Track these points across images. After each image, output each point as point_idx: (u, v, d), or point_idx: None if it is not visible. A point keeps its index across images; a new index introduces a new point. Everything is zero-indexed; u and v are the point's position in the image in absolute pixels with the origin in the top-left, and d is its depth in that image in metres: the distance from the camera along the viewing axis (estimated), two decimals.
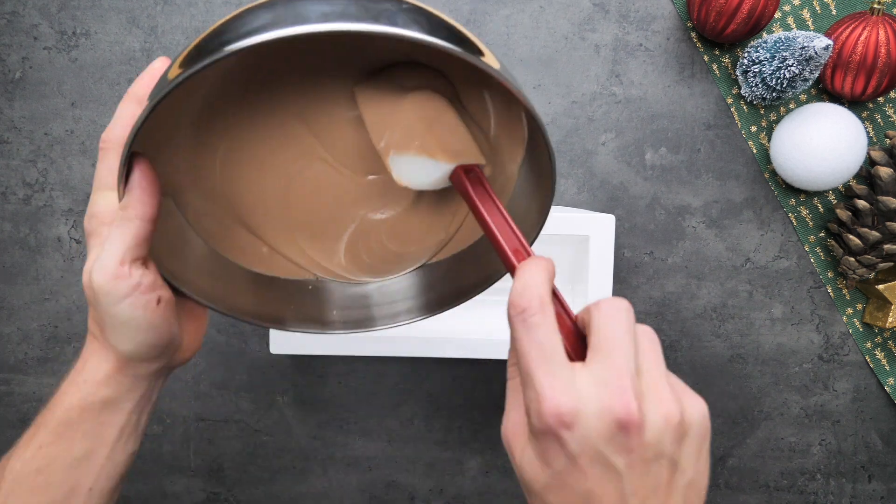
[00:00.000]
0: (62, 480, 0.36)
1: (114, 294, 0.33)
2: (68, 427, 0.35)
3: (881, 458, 0.66)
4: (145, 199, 0.32)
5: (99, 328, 0.35)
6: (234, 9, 0.63)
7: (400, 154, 0.34)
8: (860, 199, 0.60)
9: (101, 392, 0.35)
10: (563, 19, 0.63)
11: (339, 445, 0.67)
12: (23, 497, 0.35)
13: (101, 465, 0.36)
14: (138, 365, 0.36)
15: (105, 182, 0.34)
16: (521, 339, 0.28)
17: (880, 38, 0.56)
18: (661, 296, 0.65)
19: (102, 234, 0.34)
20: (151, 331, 0.35)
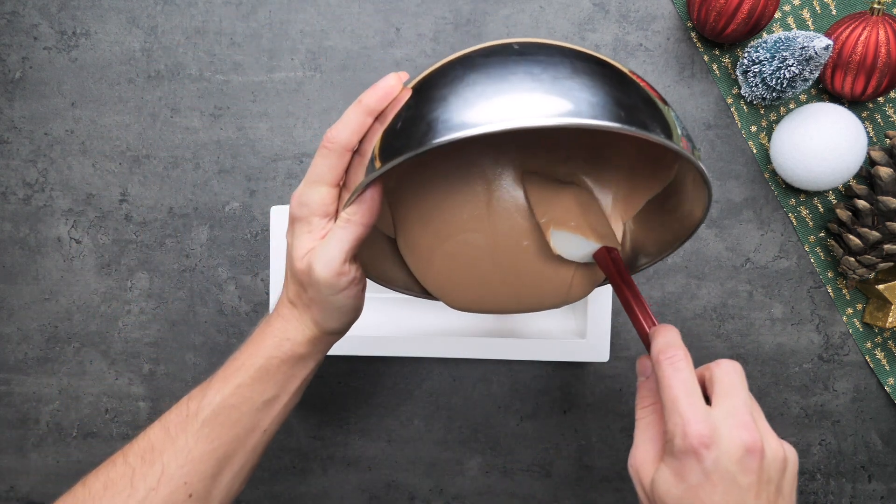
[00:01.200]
0: (249, 419, 0.41)
1: (336, 286, 0.39)
2: (266, 373, 0.41)
3: (881, 458, 0.67)
4: (373, 210, 0.38)
5: (304, 305, 0.41)
6: (233, 8, 0.63)
7: (559, 229, 0.42)
8: (860, 199, 0.60)
9: (300, 350, 0.41)
10: (563, 19, 0.63)
11: (339, 445, 0.67)
12: (216, 428, 0.40)
13: (279, 411, 0.42)
14: (333, 335, 0.43)
15: (322, 177, 0.38)
16: (669, 376, 0.35)
17: (880, 38, 0.56)
18: (661, 296, 0.65)
19: (313, 223, 0.38)
20: (355, 312, 0.42)
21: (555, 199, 0.43)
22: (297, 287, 0.40)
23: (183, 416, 0.41)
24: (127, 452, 0.41)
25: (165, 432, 0.41)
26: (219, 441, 0.40)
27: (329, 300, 0.39)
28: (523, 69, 0.33)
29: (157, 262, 0.65)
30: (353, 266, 0.39)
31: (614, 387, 0.66)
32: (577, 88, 0.32)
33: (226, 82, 0.64)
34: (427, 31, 0.63)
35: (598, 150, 0.45)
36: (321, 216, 0.38)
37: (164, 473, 0.39)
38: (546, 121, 0.31)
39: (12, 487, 0.67)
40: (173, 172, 0.64)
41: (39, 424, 0.66)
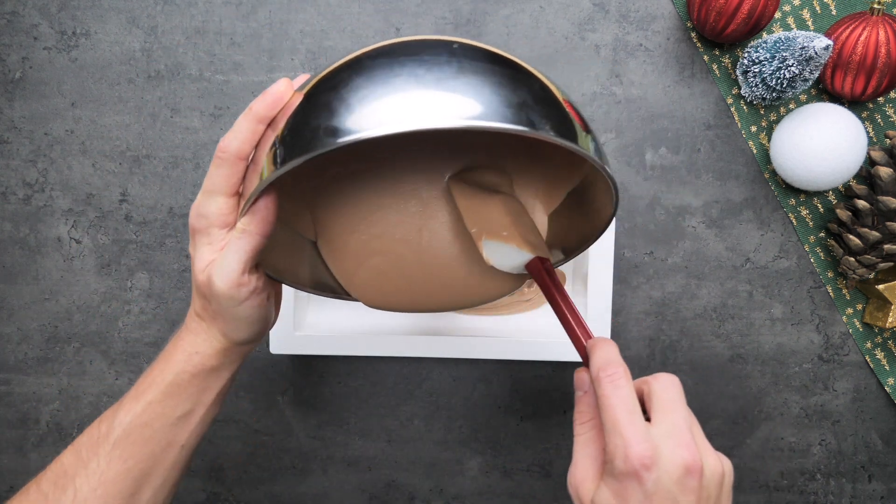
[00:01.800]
0: (163, 435, 0.40)
1: (236, 298, 0.38)
2: (177, 388, 0.41)
3: (881, 458, 0.66)
4: (268, 219, 0.37)
5: (210, 317, 0.40)
6: (233, 8, 0.63)
7: (491, 240, 0.42)
8: (860, 199, 0.60)
9: (210, 362, 0.41)
10: (563, 19, 0.63)
11: (339, 445, 0.67)
12: (128, 447, 0.40)
13: (196, 425, 0.42)
14: (244, 346, 0.42)
15: (217, 187, 0.37)
16: (609, 395, 0.34)
17: (880, 38, 0.56)
18: (661, 296, 0.65)
19: (213, 234, 0.38)
20: (262, 322, 0.41)
21: (484, 207, 0.43)
22: (202, 300, 0.40)
23: (94, 438, 0.40)
24: (40, 480, 0.40)
25: (77, 456, 0.40)
26: (133, 460, 0.40)
27: (231, 311, 0.39)
28: (408, 71, 0.32)
29: (157, 262, 0.65)
30: (254, 276, 0.39)
31: None
32: (460, 89, 0.32)
33: (226, 82, 0.64)
34: (427, 32, 0.63)
35: (514, 147, 0.45)
36: (220, 227, 0.38)
37: (77, 498, 0.39)
38: (428, 124, 0.30)
39: (12, 487, 0.67)
40: (173, 172, 0.64)
41: (39, 424, 0.66)
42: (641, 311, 0.65)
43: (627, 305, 0.65)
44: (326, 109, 0.33)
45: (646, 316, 0.65)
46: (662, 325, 0.65)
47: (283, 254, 0.44)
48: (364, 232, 0.45)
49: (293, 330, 0.58)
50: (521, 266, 0.42)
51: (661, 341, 0.65)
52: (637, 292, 0.65)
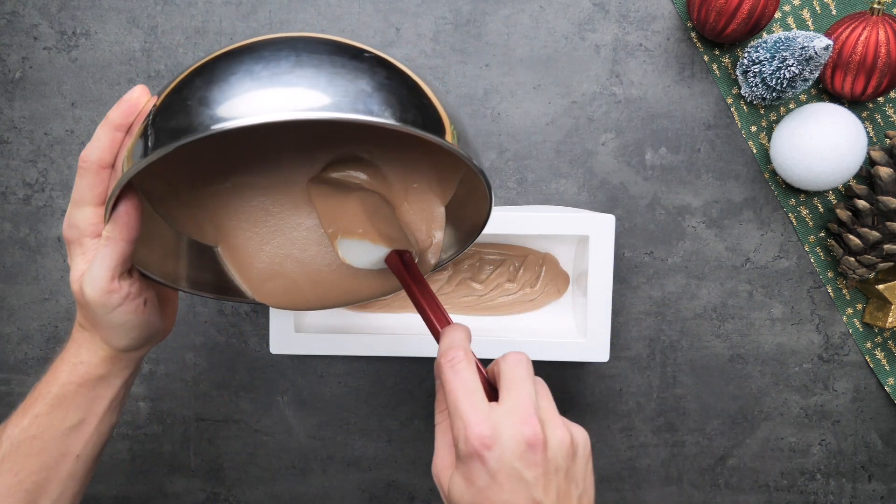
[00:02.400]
0: (55, 447, 0.40)
1: (107, 305, 0.38)
2: (64, 399, 0.40)
3: (881, 458, 0.66)
4: (130, 224, 0.37)
5: (91, 325, 0.40)
6: (233, 9, 0.63)
7: (346, 238, 0.42)
8: (860, 199, 0.60)
9: (96, 371, 0.41)
10: (563, 19, 0.63)
11: (339, 445, 0.66)
12: (19, 460, 0.40)
13: (90, 435, 0.41)
14: (130, 353, 0.42)
15: (84, 197, 0.37)
16: (450, 380, 0.35)
17: (880, 38, 0.56)
18: (661, 296, 0.65)
19: (85, 244, 0.38)
20: (142, 327, 0.40)
21: (340, 207, 0.43)
22: (81, 310, 0.40)
23: None
24: None
25: None
26: (24, 472, 0.39)
27: (106, 319, 0.39)
28: (245, 68, 0.33)
29: None
30: (126, 282, 0.38)
31: (614, 387, 0.66)
32: (294, 83, 0.32)
33: None
34: (427, 31, 0.63)
35: (394, 140, 0.46)
36: (90, 236, 0.38)
37: None
38: (249, 120, 0.30)
39: None
40: None
41: None
42: (641, 311, 0.65)
43: (627, 305, 0.65)
44: (168, 112, 0.33)
45: (646, 316, 0.65)
46: (662, 325, 0.65)
47: (171, 259, 0.44)
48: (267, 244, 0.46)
49: (293, 330, 0.58)
50: (380, 261, 0.42)
51: (661, 341, 0.65)
52: (637, 292, 0.65)
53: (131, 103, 0.37)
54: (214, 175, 0.45)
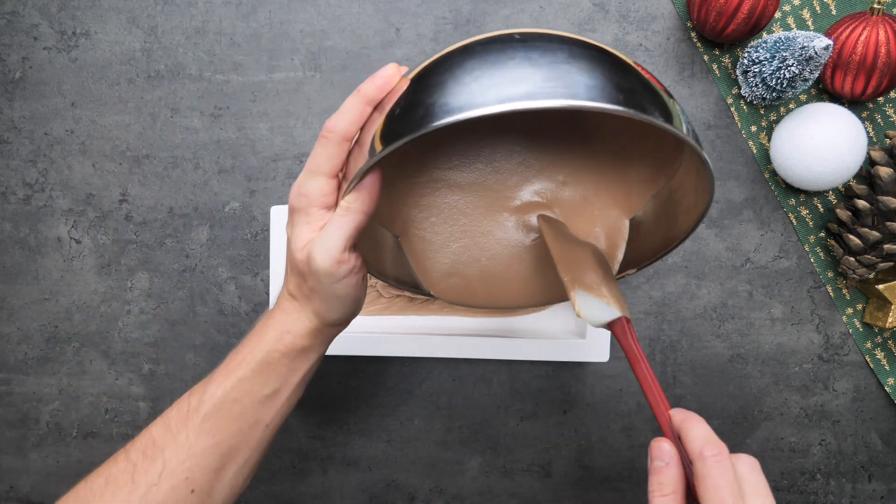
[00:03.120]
0: (251, 412, 0.41)
1: (335, 275, 0.38)
2: (267, 366, 0.41)
3: (881, 458, 0.67)
4: (372, 197, 0.37)
5: (305, 296, 0.40)
6: (233, 9, 0.63)
7: (585, 291, 0.42)
8: (860, 199, 0.60)
9: (301, 342, 0.41)
10: (563, 19, 0.63)
11: (339, 445, 0.67)
12: (218, 422, 0.40)
13: (281, 405, 0.42)
14: (334, 327, 0.42)
15: (321, 167, 0.38)
16: (716, 476, 0.34)
17: (880, 38, 0.56)
18: (661, 296, 0.65)
19: (312, 214, 0.38)
20: (356, 303, 0.41)
21: (575, 255, 0.43)
22: (298, 279, 0.40)
23: (184, 411, 0.41)
24: (129, 449, 0.41)
25: (167, 428, 0.41)
26: (221, 435, 0.40)
27: (329, 290, 0.39)
28: (521, 55, 0.33)
29: (157, 262, 0.65)
30: (353, 255, 0.39)
31: (614, 387, 0.66)
32: (574, 72, 0.32)
33: (226, 82, 0.64)
34: (427, 32, 0.63)
35: (594, 150, 0.46)
36: (320, 207, 0.38)
37: (166, 469, 0.39)
38: (545, 103, 0.31)
39: (12, 487, 0.67)
40: (173, 172, 0.64)
41: (39, 424, 0.66)
42: (641, 311, 0.65)
43: (627, 305, 0.65)
44: (439, 87, 0.33)
45: (646, 316, 0.65)
46: (662, 325, 0.65)
47: (368, 245, 0.45)
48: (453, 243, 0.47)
49: None
50: (606, 322, 0.42)
51: (661, 341, 0.65)
52: (637, 292, 0.65)
53: (386, 79, 0.36)
54: (414, 166, 0.46)
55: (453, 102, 0.32)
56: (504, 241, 0.48)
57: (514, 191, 0.47)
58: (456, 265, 0.47)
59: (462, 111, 0.31)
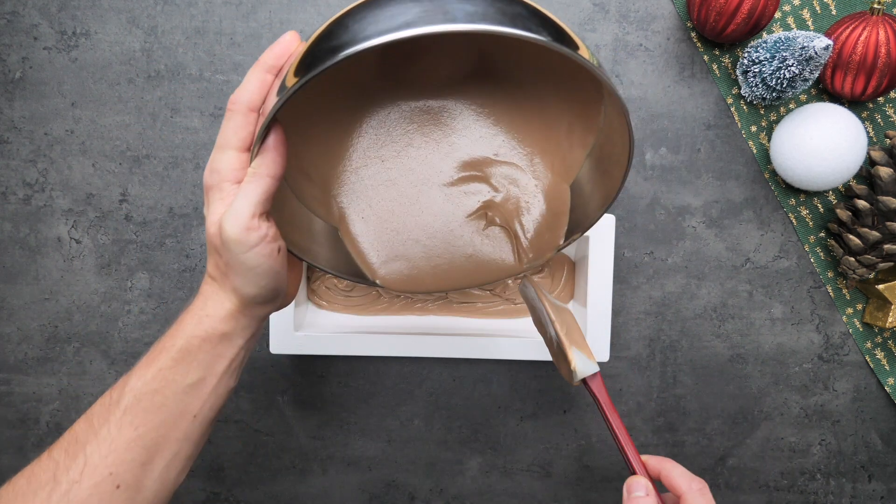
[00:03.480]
0: (174, 403, 0.39)
1: (245, 243, 0.37)
2: (187, 354, 0.40)
3: (881, 458, 0.66)
4: (277, 160, 0.37)
5: (222, 273, 0.39)
6: (233, 9, 0.63)
7: (579, 350, 0.45)
8: (860, 199, 0.60)
9: (220, 327, 0.40)
10: (563, 19, 0.63)
11: (339, 445, 0.67)
12: (139, 414, 0.39)
13: (208, 395, 0.41)
14: (255, 307, 0.41)
15: (229, 141, 0.37)
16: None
17: (880, 38, 0.56)
18: (661, 296, 0.65)
19: (225, 189, 0.38)
20: (272, 276, 0.39)
21: (563, 316, 0.46)
22: (214, 256, 0.39)
23: (106, 405, 0.40)
24: (52, 448, 0.40)
25: (89, 424, 0.39)
26: (144, 427, 0.39)
27: (241, 260, 0.38)
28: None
29: (157, 262, 0.65)
30: (265, 223, 0.38)
31: (614, 387, 0.66)
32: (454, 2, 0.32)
33: (226, 82, 0.64)
34: None
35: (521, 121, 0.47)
36: (231, 181, 0.38)
37: (87, 464, 0.38)
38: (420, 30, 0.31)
39: None
40: (173, 172, 0.64)
41: (39, 424, 0.66)
42: (641, 311, 0.65)
43: (627, 305, 0.65)
44: (327, 37, 0.33)
45: (646, 316, 0.65)
46: (662, 325, 0.65)
47: (308, 239, 0.45)
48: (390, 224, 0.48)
49: (293, 330, 0.58)
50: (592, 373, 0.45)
51: (661, 341, 0.65)
52: (637, 292, 0.65)
53: (284, 46, 0.37)
54: (341, 148, 0.46)
55: (335, 43, 0.32)
56: (442, 217, 0.48)
57: (448, 165, 0.47)
58: (396, 248, 0.47)
59: (342, 49, 0.31)
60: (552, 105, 0.46)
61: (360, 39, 0.31)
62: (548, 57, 0.43)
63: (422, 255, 0.48)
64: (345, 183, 0.47)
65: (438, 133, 0.47)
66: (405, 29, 0.31)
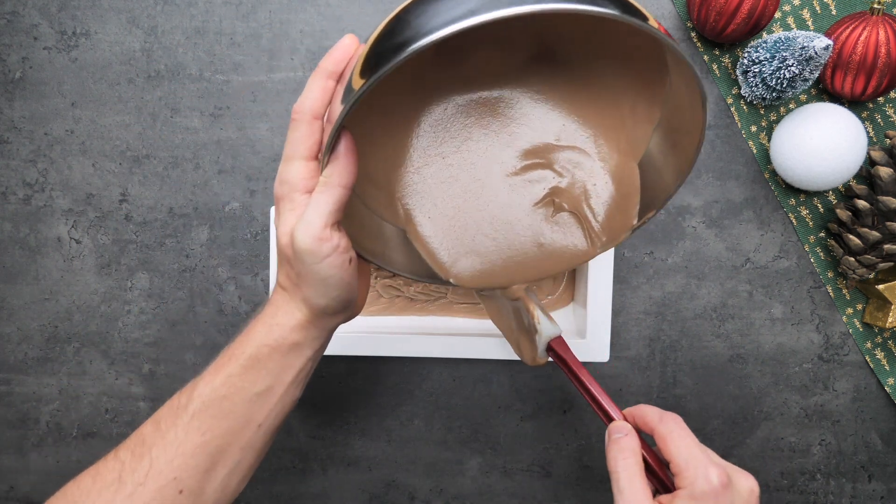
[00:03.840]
0: (242, 411, 0.39)
1: (318, 254, 0.37)
2: (256, 362, 0.39)
3: (881, 458, 0.67)
4: (349, 168, 0.36)
5: (293, 284, 0.39)
6: (233, 9, 0.63)
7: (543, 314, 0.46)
8: (860, 199, 0.60)
9: (291, 336, 0.40)
10: None
11: (339, 445, 0.67)
12: (207, 420, 0.39)
13: (274, 404, 0.40)
14: (326, 318, 0.40)
15: (296, 151, 0.37)
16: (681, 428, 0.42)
17: (880, 38, 0.56)
18: (661, 296, 0.65)
19: (295, 200, 0.37)
20: (343, 287, 0.39)
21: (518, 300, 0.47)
22: (286, 266, 0.39)
23: (174, 409, 0.40)
24: (119, 449, 0.40)
25: (156, 427, 0.40)
26: (210, 434, 0.39)
27: (314, 271, 0.37)
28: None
29: (157, 262, 0.65)
30: (337, 233, 0.37)
31: (614, 387, 0.66)
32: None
33: (226, 82, 0.64)
34: None
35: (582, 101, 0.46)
36: (301, 191, 0.37)
37: (153, 468, 0.38)
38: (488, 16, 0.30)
39: (12, 487, 0.67)
40: (173, 172, 0.64)
41: (39, 424, 0.66)
42: (641, 311, 0.65)
43: (627, 305, 0.65)
44: (389, 35, 0.32)
45: (646, 316, 0.65)
46: (662, 325, 0.65)
47: (378, 244, 0.45)
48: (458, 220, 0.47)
49: None
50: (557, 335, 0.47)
51: (661, 341, 0.65)
52: (637, 292, 0.65)
53: (344, 50, 0.36)
54: (400, 150, 0.46)
55: (399, 40, 0.31)
56: (509, 209, 0.47)
57: (509, 155, 0.47)
58: (465, 244, 0.47)
59: (408, 45, 0.31)
60: (612, 83, 0.45)
61: (425, 33, 0.30)
62: (607, 33, 0.42)
63: (492, 248, 0.47)
64: (408, 184, 0.46)
65: (497, 124, 0.46)
66: (471, 17, 0.30)
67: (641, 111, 0.44)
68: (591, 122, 0.46)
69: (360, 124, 0.42)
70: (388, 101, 0.44)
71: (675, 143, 0.43)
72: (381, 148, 0.45)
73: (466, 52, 0.44)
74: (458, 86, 0.46)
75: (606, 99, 0.45)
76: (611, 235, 0.46)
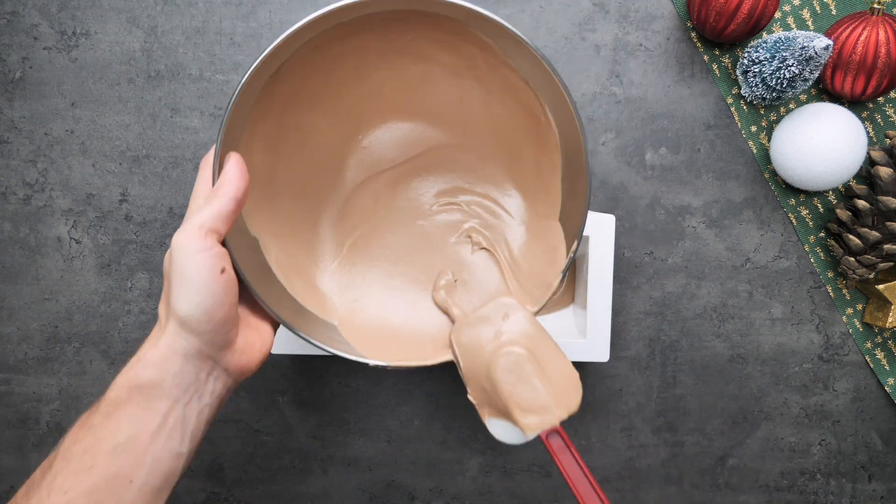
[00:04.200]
0: (105, 465, 0.35)
1: (186, 250, 0.36)
2: (116, 407, 0.35)
3: (881, 458, 0.67)
4: (235, 181, 0.37)
5: (165, 296, 0.37)
6: (233, 9, 0.63)
7: (494, 417, 0.42)
8: (860, 199, 0.60)
9: (147, 372, 0.36)
10: (563, 19, 0.63)
11: (339, 445, 0.67)
12: (68, 477, 0.34)
13: (142, 456, 0.35)
14: (191, 339, 0.36)
15: (198, 191, 0.40)
16: None
17: (880, 38, 0.56)
18: (661, 296, 0.65)
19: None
20: (209, 295, 0.36)
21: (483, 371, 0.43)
22: (165, 287, 0.38)
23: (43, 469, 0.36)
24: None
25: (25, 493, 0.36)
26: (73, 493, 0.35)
27: (181, 267, 0.35)
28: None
29: (157, 262, 0.65)
30: (211, 238, 0.36)
31: (614, 387, 0.66)
32: None
33: (226, 82, 0.64)
34: None
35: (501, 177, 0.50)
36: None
37: None
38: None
39: (12, 487, 0.67)
40: (173, 172, 0.64)
41: (39, 424, 0.66)
42: (641, 311, 0.65)
43: (627, 305, 0.65)
44: None
45: (646, 316, 0.65)
46: (662, 325, 0.65)
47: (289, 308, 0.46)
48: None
49: None
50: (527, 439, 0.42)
51: (661, 341, 0.65)
52: (637, 292, 0.65)
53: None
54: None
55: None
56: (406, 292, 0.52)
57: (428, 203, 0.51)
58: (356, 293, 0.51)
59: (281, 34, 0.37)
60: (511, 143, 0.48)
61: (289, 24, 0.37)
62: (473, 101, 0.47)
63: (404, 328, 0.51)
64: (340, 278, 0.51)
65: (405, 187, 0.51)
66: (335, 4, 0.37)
67: (546, 162, 0.47)
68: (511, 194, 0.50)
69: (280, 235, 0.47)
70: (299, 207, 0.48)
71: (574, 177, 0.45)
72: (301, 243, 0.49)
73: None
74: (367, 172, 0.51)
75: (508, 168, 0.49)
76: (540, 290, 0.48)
